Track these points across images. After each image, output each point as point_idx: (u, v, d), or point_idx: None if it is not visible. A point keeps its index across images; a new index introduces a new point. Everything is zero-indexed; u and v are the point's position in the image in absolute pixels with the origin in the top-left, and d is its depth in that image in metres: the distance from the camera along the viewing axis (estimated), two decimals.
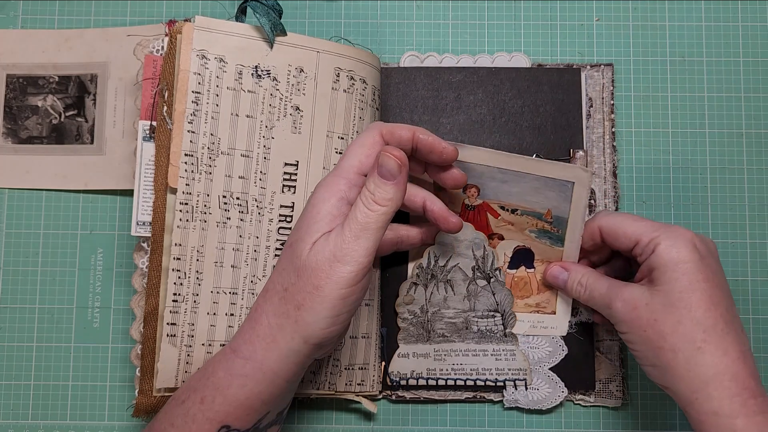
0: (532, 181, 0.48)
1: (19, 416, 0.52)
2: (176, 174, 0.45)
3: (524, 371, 0.51)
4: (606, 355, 0.52)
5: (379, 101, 0.52)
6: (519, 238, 0.51)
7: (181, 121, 0.45)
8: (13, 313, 0.53)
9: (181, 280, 0.46)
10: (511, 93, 0.53)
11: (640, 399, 0.52)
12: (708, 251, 0.43)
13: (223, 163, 0.46)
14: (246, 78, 0.46)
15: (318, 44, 0.48)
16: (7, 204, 0.54)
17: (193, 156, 0.46)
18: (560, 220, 0.49)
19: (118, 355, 0.53)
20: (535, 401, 0.51)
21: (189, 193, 0.46)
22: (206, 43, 0.46)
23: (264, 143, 0.47)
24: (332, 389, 0.50)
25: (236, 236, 0.47)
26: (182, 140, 0.45)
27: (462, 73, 0.53)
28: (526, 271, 0.51)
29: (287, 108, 0.47)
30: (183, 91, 0.45)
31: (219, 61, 0.46)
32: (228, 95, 0.46)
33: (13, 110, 0.54)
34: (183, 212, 0.46)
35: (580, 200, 0.48)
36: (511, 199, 0.49)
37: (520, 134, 0.53)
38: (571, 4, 0.55)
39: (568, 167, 0.48)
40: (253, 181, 0.47)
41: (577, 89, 0.53)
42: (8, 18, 0.55)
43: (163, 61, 0.46)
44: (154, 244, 0.46)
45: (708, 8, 0.55)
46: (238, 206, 0.47)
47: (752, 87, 0.54)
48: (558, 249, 0.50)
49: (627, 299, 0.43)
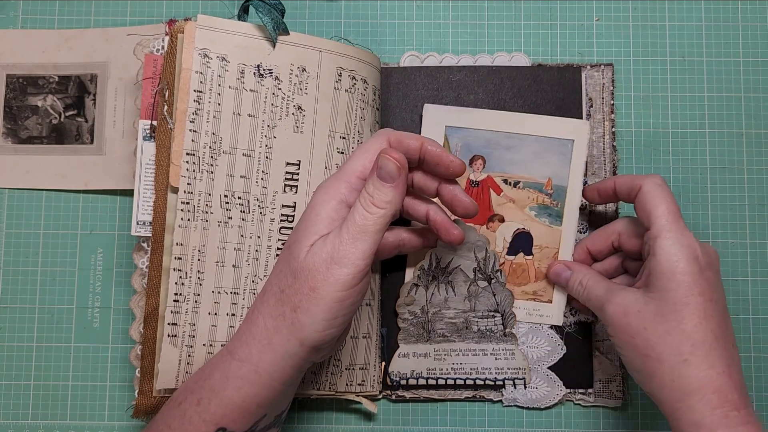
0: (534, 144, 0.50)
1: (19, 416, 0.52)
2: (177, 173, 0.45)
3: (523, 370, 0.51)
4: (606, 355, 0.52)
5: (380, 101, 0.52)
6: (519, 218, 0.51)
7: (183, 120, 0.45)
8: (13, 313, 0.53)
9: (182, 280, 0.46)
10: (512, 92, 0.53)
11: (640, 399, 0.52)
12: (708, 263, 0.43)
13: (224, 163, 0.46)
14: (248, 77, 0.46)
15: (320, 43, 0.48)
16: (7, 204, 0.54)
17: (195, 155, 0.45)
18: (560, 190, 0.51)
19: (118, 355, 0.53)
20: (533, 400, 0.51)
21: (190, 192, 0.46)
22: (208, 42, 0.45)
23: (266, 143, 0.47)
24: (333, 389, 0.50)
25: (238, 236, 0.47)
26: (184, 139, 0.45)
27: (462, 72, 0.53)
28: (525, 258, 0.52)
29: (289, 107, 0.47)
30: (185, 90, 0.45)
31: (221, 60, 0.46)
32: (230, 94, 0.46)
33: (13, 110, 0.54)
34: (184, 211, 0.46)
35: (579, 160, 0.50)
36: (513, 169, 0.51)
37: None
38: (571, 4, 0.55)
39: (567, 121, 0.51)
40: (254, 180, 0.47)
41: (577, 88, 0.53)
42: (8, 18, 0.55)
43: (164, 61, 0.46)
44: (154, 243, 0.46)
45: (708, 8, 0.55)
46: (240, 206, 0.47)
47: (752, 87, 0.54)
48: (557, 229, 0.51)
49: (620, 304, 0.43)
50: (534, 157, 0.51)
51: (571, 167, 0.51)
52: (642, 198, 0.44)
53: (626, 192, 0.46)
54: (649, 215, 0.44)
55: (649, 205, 0.44)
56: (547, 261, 0.52)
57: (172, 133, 0.45)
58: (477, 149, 0.51)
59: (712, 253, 0.44)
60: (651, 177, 0.45)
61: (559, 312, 0.52)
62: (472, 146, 0.51)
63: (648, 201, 0.44)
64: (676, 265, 0.41)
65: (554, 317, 0.52)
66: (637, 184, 0.45)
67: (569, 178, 0.51)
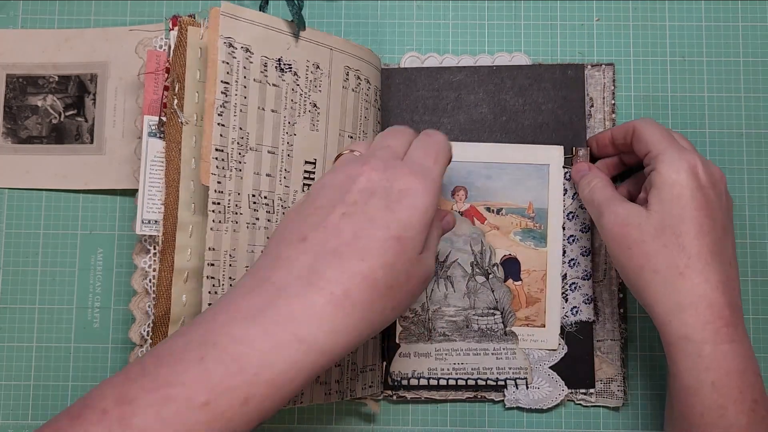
0: (514, 172, 0.52)
1: (19, 416, 0.52)
2: (208, 171, 0.42)
3: (525, 370, 0.51)
4: (607, 355, 0.52)
5: (380, 102, 0.52)
6: (505, 245, 0.52)
7: (211, 113, 0.42)
8: (13, 313, 0.53)
9: (216, 288, 0.42)
10: (513, 91, 0.53)
11: (641, 399, 0.52)
12: (710, 182, 0.43)
13: (251, 160, 0.44)
14: (271, 71, 0.44)
15: (330, 41, 0.47)
16: (7, 204, 0.53)
17: (224, 151, 0.43)
18: (541, 213, 0.52)
19: (118, 355, 0.52)
20: (536, 400, 0.51)
21: (221, 191, 0.43)
22: (232, 31, 0.43)
23: (288, 140, 0.45)
24: (352, 395, 0.48)
25: (264, 238, 0.44)
26: (212, 134, 0.42)
27: (463, 72, 0.53)
28: (514, 284, 0.52)
29: (306, 104, 0.46)
30: (212, 81, 0.42)
31: (245, 51, 0.43)
32: (255, 88, 0.44)
33: (13, 110, 0.54)
34: (215, 212, 0.42)
35: (556, 183, 0.52)
36: (496, 197, 0.52)
37: (521, 133, 0.53)
38: (571, 4, 0.55)
39: (542, 148, 0.52)
40: (278, 179, 0.45)
41: (580, 86, 0.53)
42: (8, 18, 0.55)
43: (173, 53, 0.44)
44: (165, 243, 0.44)
45: (708, 8, 0.55)
46: (266, 206, 0.44)
47: (752, 87, 0.54)
48: (542, 251, 0.52)
49: (620, 214, 0.44)
50: (514, 184, 0.52)
51: (549, 190, 0.52)
52: (639, 133, 0.46)
53: (622, 137, 0.48)
54: (647, 144, 0.45)
55: (647, 135, 0.45)
56: (536, 285, 0.52)
57: (182, 128, 0.44)
58: (458, 180, 0.52)
59: (716, 173, 0.44)
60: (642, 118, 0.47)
61: (554, 336, 0.52)
62: (453, 178, 0.52)
63: (644, 132, 0.45)
64: (675, 179, 0.42)
65: (549, 342, 0.52)
66: (630, 125, 0.47)
67: (549, 200, 0.52)
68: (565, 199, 0.52)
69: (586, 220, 0.52)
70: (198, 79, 0.45)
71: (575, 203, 0.52)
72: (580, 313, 0.52)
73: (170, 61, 0.45)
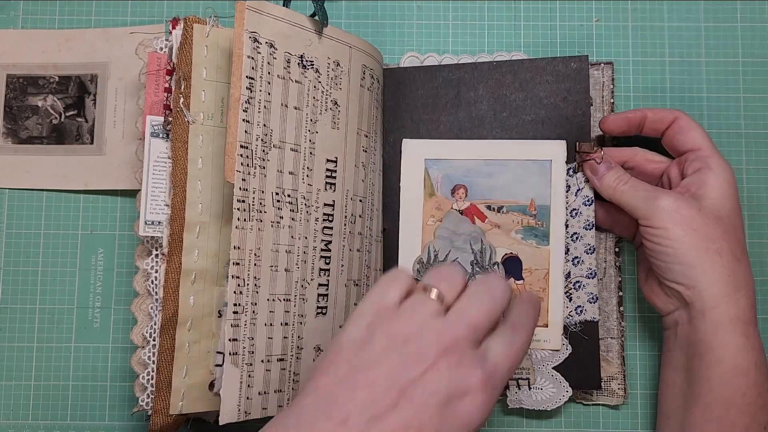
0: (515, 168, 0.51)
1: (19, 416, 0.52)
2: (233, 168, 0.41)
3: (527, 370, 0.51)
4: (607, 354, 0.52)
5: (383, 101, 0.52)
6: (506, 243, 0.51)
7: (237, 108, 0.42)
8: (13, 313, 0.53)
9: (241, 288, 0.42)
10: (513, 86, 0.52)
11: (641, 398, 0.52)
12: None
13: (275, 157, 0.43)
14: (293, 67, 0.44)
15: (350, 39, 0.47)
16: (7, 204, 0.53)
17: (248, 148, 0.42)
18: (543, 210, 0.51)
19: (119, 355, 0.52)
20: (539, 401, 0.51)
21: (245, 189, 0.42)
22: (257, 25, 0.42)
23: (310, 137, 0.45)
24: None
25: (288, 237, 0.44)
26: (237, 130, 0.42)
27: (462, 69, 0.53)
28: (516, 284, 0.52)
29: (327, 102, 0.46)
30: (238, 75, 0.42)
31: (269, 46, 0.43)
32: (278, 84, 0.43)
33: (13, 110, 0.54)
34: (240, 210, 0.42)
35: (559, 178, 0.51)
36: (496, 195, 0.51)
37: (522, 128, 0.52)
38: (571, 4, 0.55)
39: (544, 143, 0.51)
40: (301, 177, 0.44)
41: (584, 78, 0.52)
42: (8, 18, 0.55)
43: (179, 51, 0.44)
44: (172, 243, 0.43)
45: (708, 8, 0.55)
46: (289, 204, 0.44)
47: (752, 87, 0.54)
48: (545, 248, 0.51)
49: (681, 196, 0.46)
50: (515, 181, 0.51)
51: (551, 186, 0.51)
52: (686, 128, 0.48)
53: (657, 123, 0.49)
54: (696, 141, 0.48)
55: (696, 133, 0.48)
56: (538, 284, 0.51)
57: (188, 126, 0.44)
58: (458, 179, 0.52)
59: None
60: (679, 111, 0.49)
61: (557, 336, 0.51)
62: (453, 176, 0.52)
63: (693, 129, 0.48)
64: (730, 180, 0.46)
65: (552, 341, 0.51)
66: (671, 115, 0.49)
67: (551, 197, 0.51)
68: (568, 196, 0.51)
69: (590, 217, 0.51)
70: (204, 77, 0.45)
71: (578, 200, 0.51)
72: (585, 312, 0.51)
73: (172, 61, 0.45)
